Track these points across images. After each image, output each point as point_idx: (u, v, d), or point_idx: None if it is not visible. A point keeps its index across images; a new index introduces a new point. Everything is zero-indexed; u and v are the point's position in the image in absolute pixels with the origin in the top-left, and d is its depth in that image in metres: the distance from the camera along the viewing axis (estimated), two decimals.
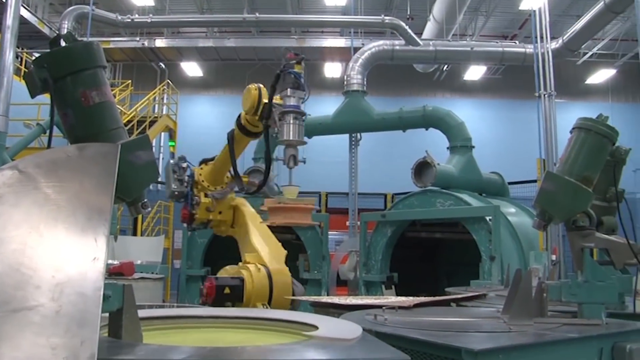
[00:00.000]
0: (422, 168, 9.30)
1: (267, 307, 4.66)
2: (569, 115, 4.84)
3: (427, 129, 11.17)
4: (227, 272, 4.88)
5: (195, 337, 2.88)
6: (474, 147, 10.28)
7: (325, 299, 4.75)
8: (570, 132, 3.91)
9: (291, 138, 4.20)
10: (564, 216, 3.74)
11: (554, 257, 7.42)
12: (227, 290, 4.44)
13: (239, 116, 4.89)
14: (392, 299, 4.68)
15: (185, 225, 5.36)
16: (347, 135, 12.56)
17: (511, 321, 3.28)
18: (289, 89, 4.12)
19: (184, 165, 5.24)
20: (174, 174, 5.18)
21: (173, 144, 18.03)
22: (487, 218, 7.74)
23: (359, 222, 9.75)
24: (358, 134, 12.55)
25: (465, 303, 4.55)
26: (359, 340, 2.48)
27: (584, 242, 3.68)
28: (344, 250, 10.62)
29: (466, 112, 19.48)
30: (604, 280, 3.55)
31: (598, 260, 3.88)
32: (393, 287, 9.09)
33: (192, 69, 22.99)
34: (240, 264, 4.94)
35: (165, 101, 20.16)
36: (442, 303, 4.44)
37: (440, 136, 10.75)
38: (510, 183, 11.25)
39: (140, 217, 15.31)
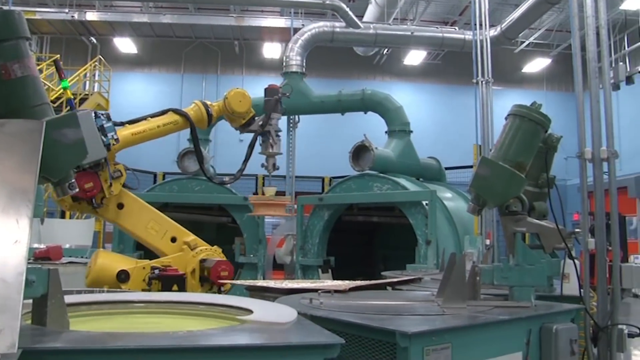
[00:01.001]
0: (360, 152, 9.36)
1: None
2: (505, 102, 4.93)
3: (365, 113, 11.23)
4: (184, 257, 5.34)
5: (125, 323, 2.82)
6: (412, 131, 10.41)
7: (261, 283, 4.75)
8: (506, 118, 4.00)
9: (277, 151, 6.14)
10: (498, 201, 3.84)
11: (488, 242, 7.58)
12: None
13: (206, 103, 5.78)
14: (329, 283, 4.71)
15: (89, 202, 5.01)
16: (284, 118, 12.51)
17: (445, 304, 3.36)
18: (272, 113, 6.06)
19: (106, 124, 4.78)
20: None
21: None
22: (424, 202, 7.87)
23: (295, 206, 9.74)
24: (296, 117, 12.52)
25: (401, 287, 4.63)
26: (293, 324, 2.48)
27: (516, 226, 3.79)
28: (281, 233, 10.61)
29: (405, 96, 19.72)
30: (534, 264, 3.69)
31: (529, 244, 4.00)
32: (330, 271, 9.15)
33: (125, 45, 22.32)
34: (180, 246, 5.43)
35: (96, 78, 19.57)
36: (378, 287, 4.50)
37: (379, 120, 10.83)
38: (447, 168, 11.45)
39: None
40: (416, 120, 11.43)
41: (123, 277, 4.99)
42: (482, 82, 8.90)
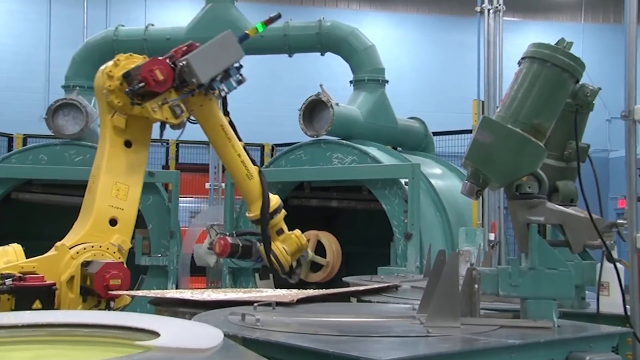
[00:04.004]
0: (314, 109, 9.34)
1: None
2: (522, 40, 4.99)
3: (322, 54, 11.18)
4: (56, 259, 5.37)
5: None
6: (387, 81, 10.42)
7: (172, 293, 4.74)
8: (519, 63, 4.02)
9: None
10: (505, 179, 3.86)
11: (491, 236, 7.69)
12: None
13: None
14: (269, 293, 4.79)
15: None
16: None
17: (430, 322, 3.39)
18: None
19: None
20: None
21: None
22: (403, 181, 7.91)
23: (223, 184, 9.72)
24: None
25: (370, 297, 4.66)
26: (217, 351, 2.47)
27: (530, 215, 3.79)
28: (202, 224, 10.56)
29: (379, 31, 19.76)
30: (556, 268, 3.71)
31: (549, 240, 4.03)
32: (271, 276, 9.14)
33: None
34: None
35: None
36: (337, 298, 4.52)
37: (342, 65, 10.81)
38: (436, 134, 11.53)
39: None
40: (394, 66, 11.50)
41: None
42: (488, 10, 8.95)
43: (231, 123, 6.42)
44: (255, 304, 3.71)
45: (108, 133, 5.79)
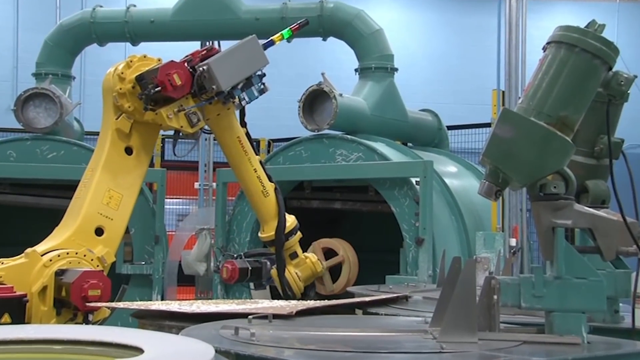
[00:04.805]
0: (315, 101, 9.33)
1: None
2: (548, 23, 4.97)
3: (324, 39, 11.20)
4: (26, 267, 5.35)
5: None
6: (396, 69, 10.42)
7: (158, 305, 4.76)
8: (544, 48, 4.00)
9: None
10: (527, 178, 3.84)
11: (513, 242, 7.69)
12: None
13: None
14: (265, 304, 4.78)
15: None
16: (197, 44, 12.37)
17: (444, 337, 3.38)
18: None
19: None
20: None
21: None
22: (414, 180, 7.91)
23: (214, 184, 9.71)
24: (215, 42, 12.40)
25: (377, 309, 4.67)
26: None
27: (556, 217, 3.77)
28: (191, 228, 10.56)
29: (387, 13, 19.76)
30: (585, 277, 3.70)
31: (578, 246, 4.03)
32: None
33: None
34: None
35: None
36: (341, 310, 4.52)
37: (346, 51, 10.81)
38: (450, 127, 11.53)
39: None
40: (404, 53, 11.49)
41: None
42: None
43: (248, 135, 6.58)
44: (250, 317, 3.72)
45: (110, 136, 5.87)
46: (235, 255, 6.58)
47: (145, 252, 9.46)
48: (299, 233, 6.64)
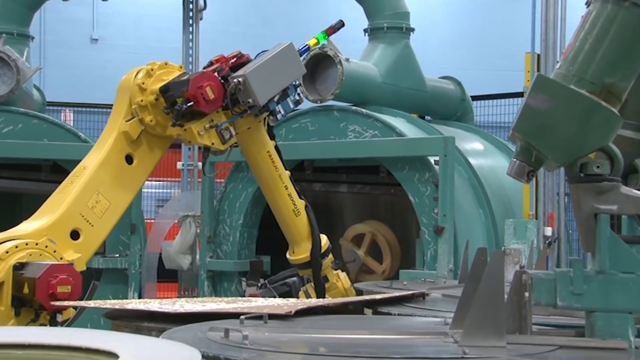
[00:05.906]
0: (317, 67, 9.32)
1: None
2: None
3: None
4: None
5: None
6: (413, 29, 10.41)
7: (134, 304, 4.79)
8: (587, 3, 3.98)
9: None
10: (566, 156, 3.83)
11: (548, 231, 7.68)
12: None
13: None
14: (259, 303, 4.81)
15: None
16: (179, 1, 12.36)
17: (467, 340, 3.39)
18: None
19: None
20: None
21: None
22: (433, 160, 7.91)
23: (200, 164, 9.73)
24: None
25: (389, 309, 4.69)
26: None
27: (599, 202, 3.76)
28: (173, 215, 10.60)
29: None
30: (633, 272, 3.70)
31: (624, 236, 4.02)
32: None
33: None
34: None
35: None
36: (347, 309, 4.52)
37: (354, 7, 10.80)
38: (475, 98, 11.54)
39: None
40: (422, 10, 11.44)
41: None
42: None
43: (277, 148, 6.71)
44: (242, 317, 3.73)
45: (114, 137, 5.98)
46: (259, 285, 6.78)
47: (119, 243, 9.47)
48: (330, 255, 6.78)
